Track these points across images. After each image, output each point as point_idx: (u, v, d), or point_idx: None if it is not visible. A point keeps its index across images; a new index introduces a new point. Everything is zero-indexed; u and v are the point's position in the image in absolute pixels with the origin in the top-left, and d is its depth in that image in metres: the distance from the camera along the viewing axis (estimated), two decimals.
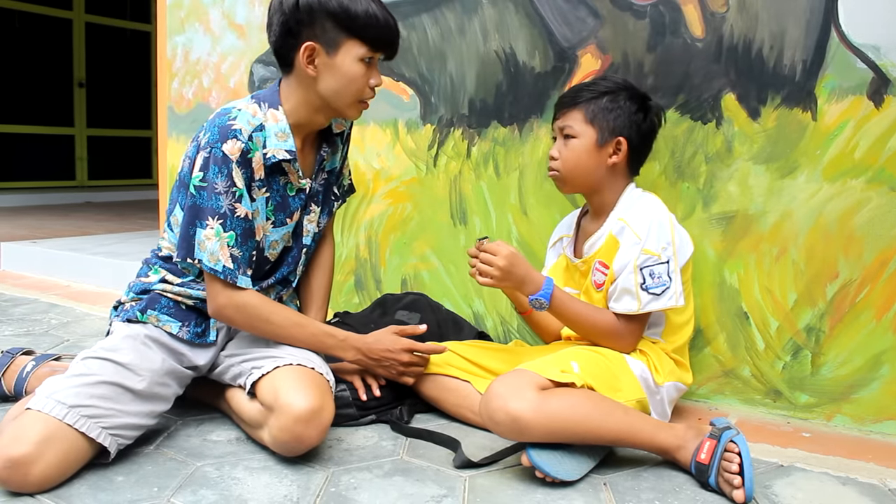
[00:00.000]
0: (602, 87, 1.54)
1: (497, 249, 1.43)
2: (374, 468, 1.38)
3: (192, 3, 2.75)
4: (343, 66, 1.41)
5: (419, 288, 2.21)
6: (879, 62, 1.52)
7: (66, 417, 1.24)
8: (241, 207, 1.40)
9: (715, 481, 1.27)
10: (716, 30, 1.69)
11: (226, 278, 1.39)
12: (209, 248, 1.38)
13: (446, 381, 1.62)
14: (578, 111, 1.53)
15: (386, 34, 1.43)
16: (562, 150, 1.54)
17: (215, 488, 1.27)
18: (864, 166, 1.55)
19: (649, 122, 1.56)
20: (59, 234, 4.13)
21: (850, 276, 1.58)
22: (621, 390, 1.42)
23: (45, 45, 7.13)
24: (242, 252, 1.41)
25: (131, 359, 1.38)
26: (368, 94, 1.47)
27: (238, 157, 1.38)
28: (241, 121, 1.41)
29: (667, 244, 1.46)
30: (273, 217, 1.50)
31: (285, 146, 1.45)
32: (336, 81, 1.42)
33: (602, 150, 1.52)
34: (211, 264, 1.38)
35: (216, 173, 1.37)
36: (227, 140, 1.38)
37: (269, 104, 1.46)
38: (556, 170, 1.56)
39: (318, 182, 1.60)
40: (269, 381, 1.38)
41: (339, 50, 1.40)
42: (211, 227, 1.38)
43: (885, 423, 1.57)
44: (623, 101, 1.52)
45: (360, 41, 1.40)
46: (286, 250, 1.58)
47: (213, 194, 1.38)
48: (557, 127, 1.57)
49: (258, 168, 1.43)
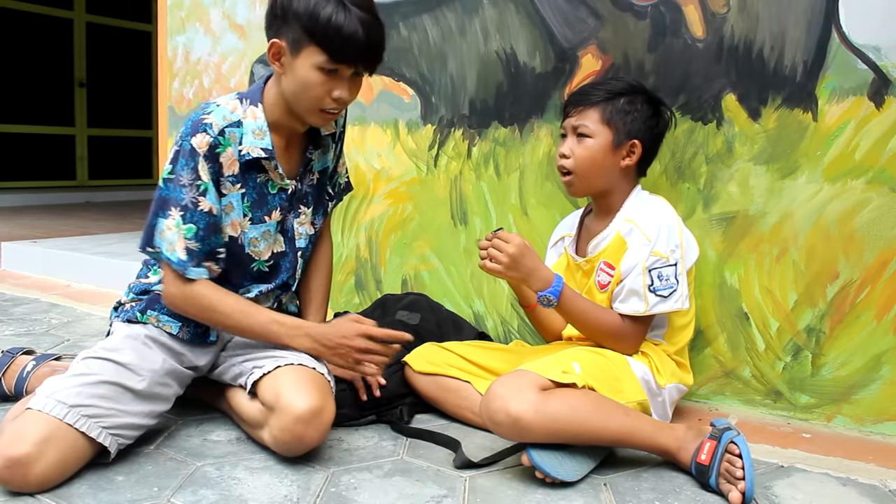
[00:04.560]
0: (617, 87, 1.53)
1: (509, 238, 1.44)
2: (375, 468, 1.38)
3: (193, 3, 2.75)
4: (300, 70, 1.36)
5: (419, 288, 2.21)
6: (880, 63, 1.52)
7: (66, 417, 1.24)
8: (206, 201, 1.39)
9: (715, 482, 1.27)
10: (716, 30, 1.69)
11: (178, 269, 1.39)
12: (168, 238, 1.39)
13: (446, 381, 1.62)
14: (595, 111, 1.52)
15: (350, 47, 1.32)
16: (574, 148, 1.53)
17: (215, 488, 1.27)
18: (864, 167, 1.55)
19: (661, 127, 1.57)
20: (59, 233, 4.13)
21: (850, 276, 1.58)
22: (623, 391, 1.42)
23: (45, 44, 7.13)
24: (201, 246, 1.40)
25: (132, 359, 1.38)
26: (329, 105, 1.39)
27: (206, 150, 1.38)
28: (215, 116, 1.41)
29: (675, 247, 1.46)
30: (250, 214, 1.48)
31: (261, 144, 1.44)
32: (294, 85, 1.39)
33: (617, 152, 1.52)
34: (168, 254, 1.39)
35: (182, 166, 1.38)
36: (197, 134, 1.38)
37: (251, 101, 1.46)
38: (568, 168, 1.54)
39: (306, 183, 1.57)
40: (270, 380, 1.38)
41: (301, 54, 1.35)
42: (172, 218, 1.38)
43: (886, 424, 1.57)
44: (640, 105, 1.52)
45: (319, 49, 1.33)
46: (282, 255, 1.56)
47: (178, 186, 1.38)
48: (570, 125, 1.54)
49: (230, 164, 1.42)
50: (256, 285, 1.54)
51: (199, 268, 1.41)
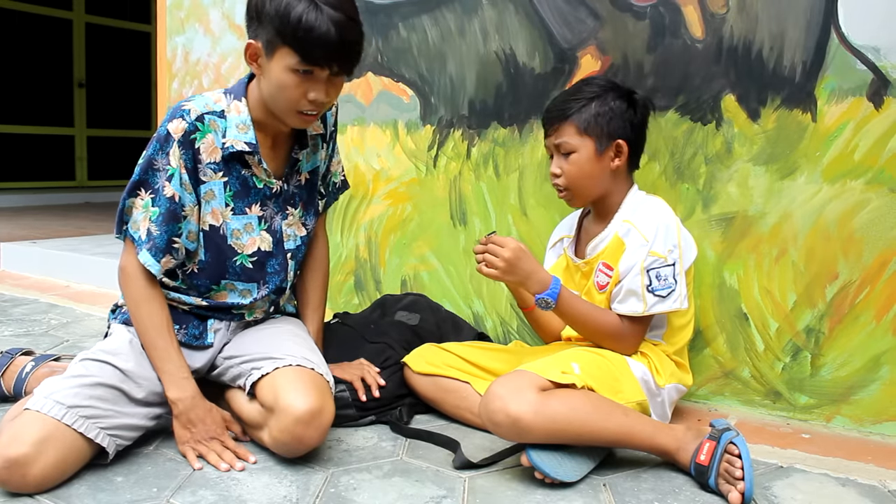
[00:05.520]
0: (587, 93, 1.51)
1: (505, 242, 1.43)
2: (374, 469, 1.37)
3: (192, 3, 2.75)
4: (274, 72, 1.33)
5: (419, 289, 2.21)
6: (879, 63, 1.53)
7: (64, 418, 1.24)
8: (170, 187, 1.40)
9: (714, 482, 1.27)
10: (716, 31, 1.69)
11: (134, 244, 1.42)
12: (134, 217, 1.42)
13: (446, 382, 1.62)
14: (570, 125, 1.50)
15: (322, 48, 1.28)
16: (563, 165, 1.52)
17: (214, 489, 1.27)
18: (863, 167, 1.55)
19: (640, 116, 1.54)
20: (58, 234, 4.13)
21: (849, 277, 1.58)
22: (622, 392, 1.42)
23: (45, 45, 7.13)
24: (160, 232, 1.40)
25: (131, 366, 1.38)
26: (305, 107, 1.36)
27: (180, 136, 1.39)
28: (195, 103, 1.42)
29: (673, 247, 1.46)
30: (232, 203, 1.48)
31: (245, 138, 1.44)
32: (270, 87, 1.37)
33: (603, 157, 1.51)
34: (132, 231, 1.42)
35: (157, 150, 1.40)
36: (174, 119, 1.39)
37: (235, 95, 1.45)
38: (562, 187, 1.54)
39: (293, 184, 1.56)
40: (269, 381, 1.38)
41: (274, 55, 1.32)
42: (142, 198, 1.41)
43: (885, 425, 1.57)
44: (612, 102, 1.50)
45: (291, 50, 1.30)
46: (268, 256, 1.54)
47: (151, 170, 1.40)
48: (552, 144, 1.53)
49: (210, 151, 1.42)
50: (243, 283, 1.52)
51: (149, 253, 1.40)
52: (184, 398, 1.39)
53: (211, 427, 1.40)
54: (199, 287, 1.50)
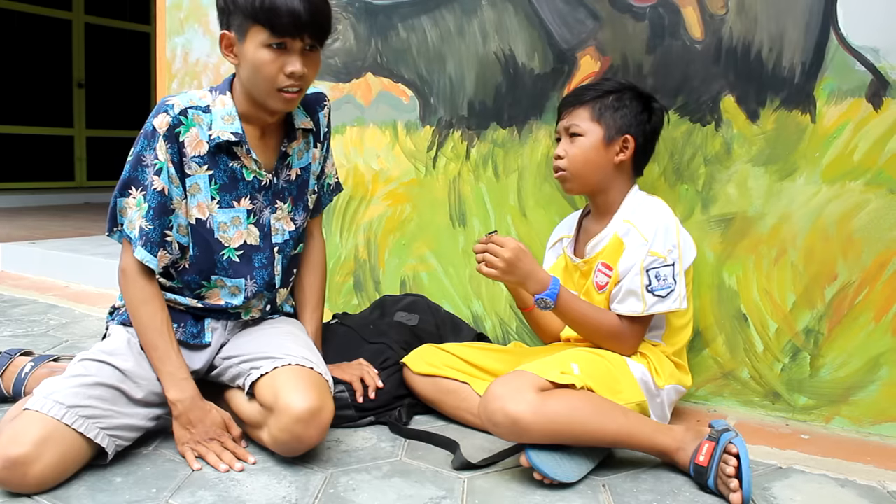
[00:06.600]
0: (606, 86, 1.56)
1: (504, 242, 1.44)
2: (373, 469, 1.37)
3: (192, 4, 2.75)
4: (249, 53, 1.37)
5: (418, 289, 2.21)
6: (878, 64, 1.53)
7: (64, 418, 1.24)
8: (159, 181, 1.41)
9: (713, 483, 1.27)
10: (715, 32, 1.69)
11: (130, 243, 1.42)
12: (129, 216, 1.42)
13: (445, 382, 1.61)
14: (584, 109, 1.54)
15: (289, 17, 1.33)
16: (568, 148, 1.54)
17: (214, 489, 1.27)
18: (862, 168, 1.55)
19: (654, 123, 1.58)
20: (58, 234, 4.12)
21: (848, 278, 1.58)
22: (621, 392, 1.42)
23: (44, 45, 7.13)
24: (153, 227, 1.41)
25: (130, 366, 1.38)
26: (283, 82, 1.38)
27: (165, 130, 1.40)
28: (180, 98, 1.43)
29: (673, 247, 1.46)
30: (218, 196, 1.48)
31: (230, 128, 1.45)
32: (247, 70, 1.40)
33: (609, 148, 1.53)
34: (128, 231, 1.43)
35: (144, 146, 1.41)
36: (159, 114, 1.41)
37: (220, 91, 1.48)
38: (562, 168, 1.55)
39: (283, 178, 1.56)
40: (269, 381, 1.38)
41: (247, 37, 1.37)
42: (133, 197, 1.42)
43: (884, 426, 1.57)
44: (629, 100, 1.54)
45: (261, 26, 1.34)
46: (255, 249, 1.53)
47: (140, 166, 1.41)
48: (563, 126, 1.57)
49: (195, 144, 1.43)
50: (231, 279, 1.52)
51: (145, 248, 1.41)
52: (183, 399, 1.39)
53: (210, 428, 1.41)
54: (190, 284, 1.51)
